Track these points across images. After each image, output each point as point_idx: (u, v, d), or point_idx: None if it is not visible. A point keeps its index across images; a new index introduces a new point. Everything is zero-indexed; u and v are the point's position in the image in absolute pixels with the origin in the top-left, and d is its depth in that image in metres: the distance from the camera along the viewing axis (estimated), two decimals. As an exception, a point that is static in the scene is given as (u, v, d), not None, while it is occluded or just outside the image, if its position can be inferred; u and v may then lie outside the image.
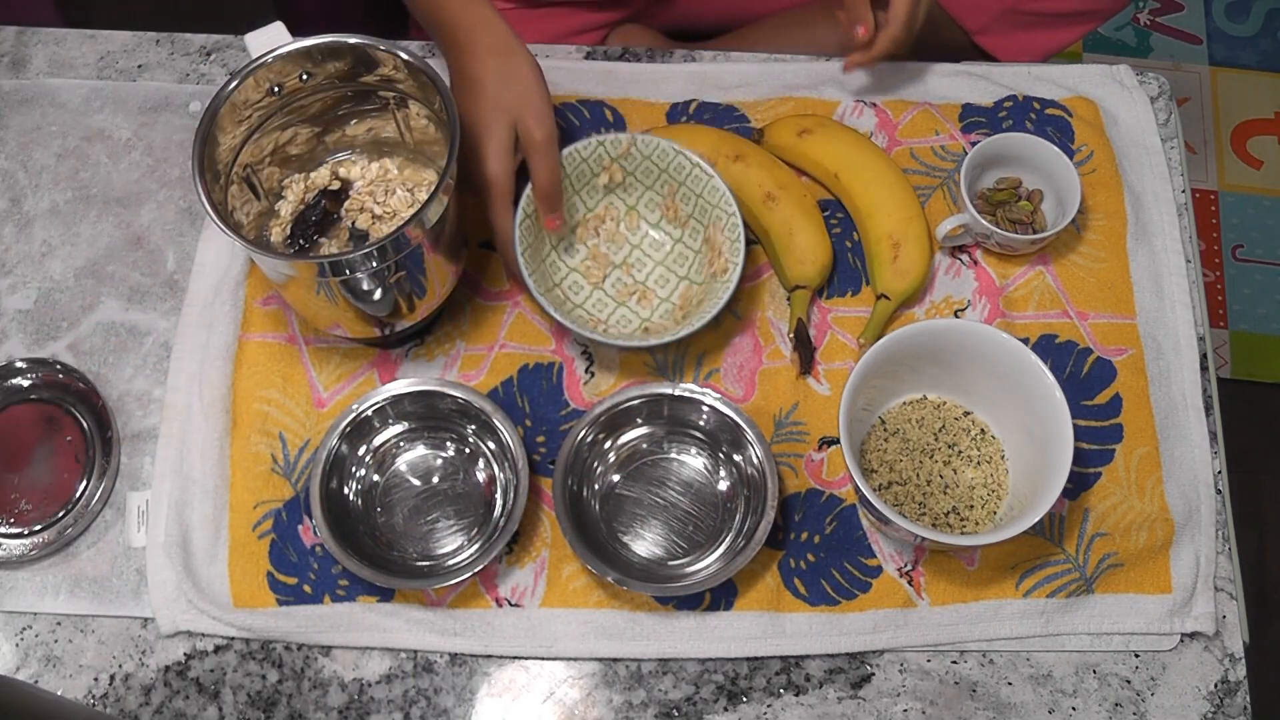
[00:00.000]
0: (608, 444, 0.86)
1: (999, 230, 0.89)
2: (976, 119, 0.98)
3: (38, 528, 0.85)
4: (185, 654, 0.82)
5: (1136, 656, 0.82)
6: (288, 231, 0.88)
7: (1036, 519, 0.75)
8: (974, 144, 0.96)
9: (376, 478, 0.86)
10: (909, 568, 0.84)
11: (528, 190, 0.87)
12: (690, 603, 0.82)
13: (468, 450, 0.86)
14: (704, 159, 0.89)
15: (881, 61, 0.94)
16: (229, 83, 0.80)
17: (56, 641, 0.83)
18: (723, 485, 0.85)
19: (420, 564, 0.83)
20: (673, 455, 0.86)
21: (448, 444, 0.87)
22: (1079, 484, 0.86)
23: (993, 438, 0.86)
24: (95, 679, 0.82)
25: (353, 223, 0.89)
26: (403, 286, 0.81)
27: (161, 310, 0.92)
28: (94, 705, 0.81)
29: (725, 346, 0.90)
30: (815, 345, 0.90)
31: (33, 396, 0.89)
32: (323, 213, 0.89)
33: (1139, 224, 0.94)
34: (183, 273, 0.94)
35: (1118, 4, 1.07)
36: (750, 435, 0.82)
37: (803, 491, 0.86)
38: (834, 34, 1.08)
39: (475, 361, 0.90)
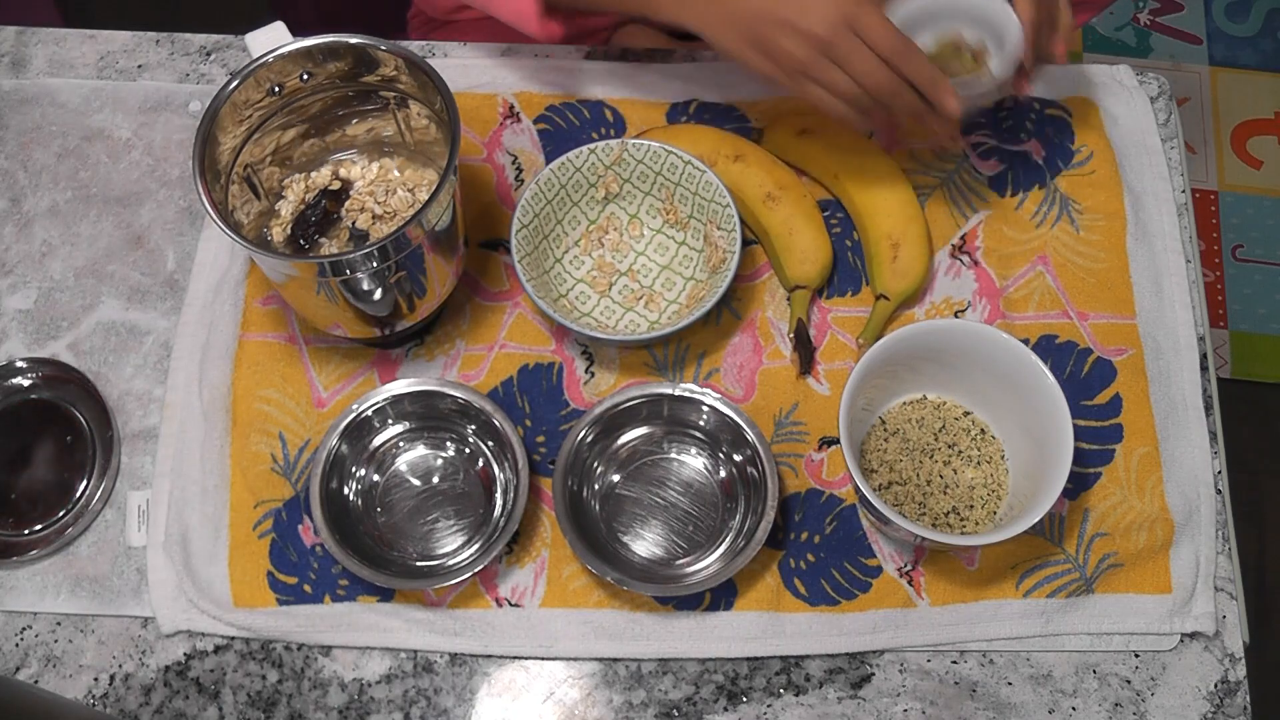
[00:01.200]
0: (608, 444, 0.86)
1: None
2: (976, 119, 0.98)
3: (38, 528, 0.85)
4: (185, 654, 0.82)
5: (1136, 656, 0.82)
6: (288, 231, 0.88)
7: (1036, 519, 0.75)
8: (974, 145, 0.96)
9: (376, 478, 0.86)
10: (909, 568, 0.84)
11: (526, 197, 0.88)
12: (690, 603, 0.82)
13: (468, 450, 0.86)
14: (696, 157, 0.89)
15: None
16: (229, 83, 0.80)
17: (56, 641, 0.83)
18: (722, 485, 0.85)
19: (420, 564, 0.83)
20: (673, 455, 0.86)
21: (448, 444, 0.87)
22: (1079, 484, 0.86)
23: (993, 438, 0.86)
24: (95, 679, 0.82)
25: (353, 223, 0.89)
26: (403, 286, 0.81)
27: (161, 310, 0.93)
28: (94, 705, 0.81)
29: (725, 346, 0.90)
30: (815, 345, 0.90)
31: (33, 396, 0.89)
32: (323, 213, 0.89)
33: (1139, 224, 0.94)
34: (183, 272, 0.94)
35: None
36: (750, 435, 0.82)
37: (803, 491, 0.86)
38: None
39: (475, 361, 0.90)
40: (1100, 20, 2.02)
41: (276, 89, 0.83)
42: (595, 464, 0.85)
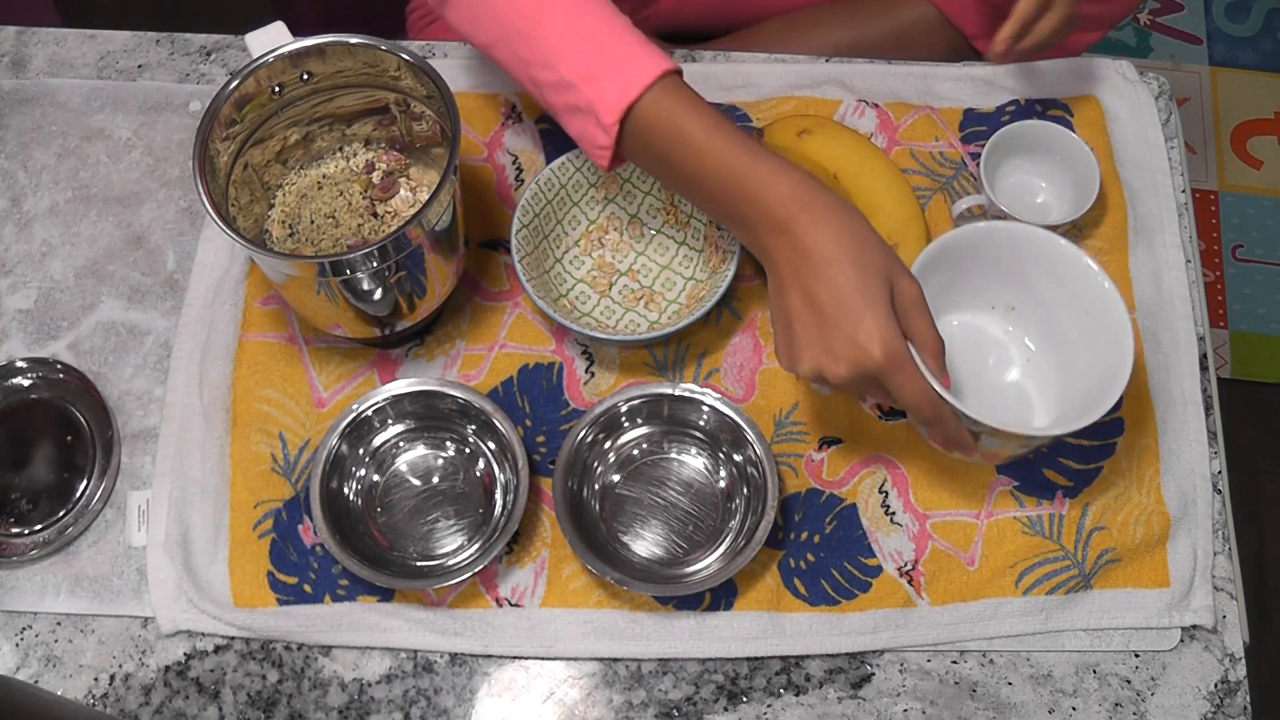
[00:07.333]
0: (608, 444, 0.86)
1: (1013, 214, 0.89)
2: (977, 128, 0.98)
3: (38, 528, 0.85)
4: (185, 654, 0.82)
5: (1136, 656, 0.82)
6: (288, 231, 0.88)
7: (1109, 407, 0.75)
8: (973, 154, 0.96)
9: (376, 478, 0.86)
10: (909, 567, 0.84)
11: (526, 197, 0.87)
12: (690, 603, 0.82)
13: (468, 450, 0.86)
14: None
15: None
16: (229, 83, 0.80)
17: (56, 641, 0.83)
18: (722, 485, 0.85)
19: (420, 564, 0.83)
20: (673, 455, 0.86)
21: (448, 444, 0.87)
22: (1079, 480, 0.86)
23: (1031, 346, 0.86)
24: (95, 679, 0.82)
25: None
26: (403, 286, 0.81)
27: (161, 310, 0.93)
28: (94, 705, 0.81)
29: (725, 346, 0.90)
30: (815, 345, 0.90)
31: (33, 396, 0.89)
32: (323, 213, 0.89)
33: (1139, 223, 0.94)
34: (183, 272, 0.94)
35: (1120, 12, 1.06)
36: (750, 435, 0.82)
37: (803, 491, 0.86)
38: (834, 36, 1.08)
39: (475, 361, 0.90)
40: (1100, 20, 2.02)
41: (276, 89, 0.83)
42: (595, 464, 0.85)
